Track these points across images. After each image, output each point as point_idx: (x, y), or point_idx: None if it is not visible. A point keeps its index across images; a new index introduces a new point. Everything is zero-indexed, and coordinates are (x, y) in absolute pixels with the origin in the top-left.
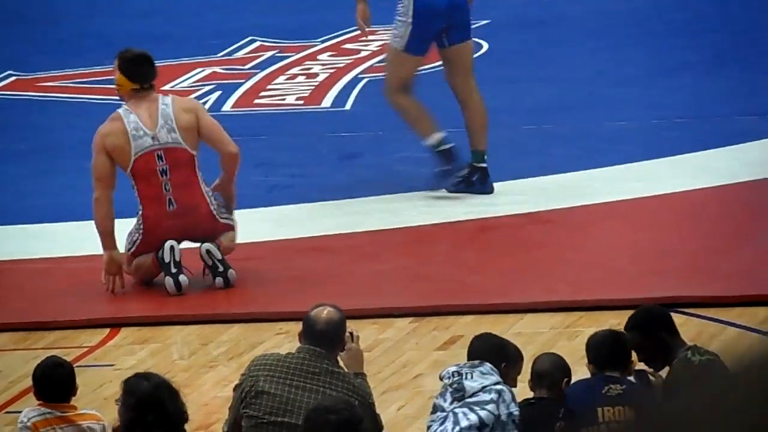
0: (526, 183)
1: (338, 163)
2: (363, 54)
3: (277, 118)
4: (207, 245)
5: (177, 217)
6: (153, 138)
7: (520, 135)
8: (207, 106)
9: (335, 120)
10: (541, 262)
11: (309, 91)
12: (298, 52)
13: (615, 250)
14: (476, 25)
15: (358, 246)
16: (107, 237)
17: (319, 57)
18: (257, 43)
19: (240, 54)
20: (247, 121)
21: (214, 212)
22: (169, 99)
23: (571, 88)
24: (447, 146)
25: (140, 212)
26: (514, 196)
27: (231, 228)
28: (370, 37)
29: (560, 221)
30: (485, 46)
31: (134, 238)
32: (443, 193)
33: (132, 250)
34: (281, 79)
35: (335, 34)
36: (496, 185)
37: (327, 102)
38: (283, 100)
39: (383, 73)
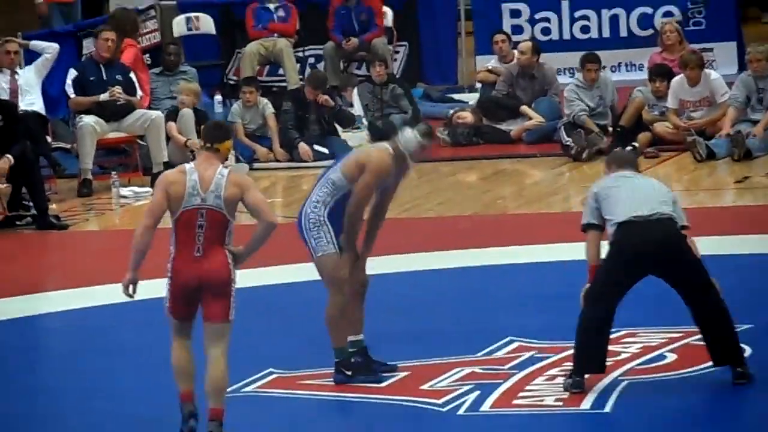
0: None
1: None
2: (623, 356)
3: (536, 419)
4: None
5: (199, 261)
6: (202, 199)
7: None
8: (465, 405)
9: (595, 422)
10: None
11: (568, 393)
12: (557, 353)
13: None
14: (739, 328)
15: None
16: (138, 256)
17: None
18: (516, 344)
19: (499, 354)
20: (506, 422)
21: (230, 264)
22: (226, 171)
23: None
24: None
25: (172, 256)
26: None
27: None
28: (629, 339)
29: None
30: (748, 350)
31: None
32: None
33: (167, 305)
34: (540, 379)
35: None
36: None
37: (586, 404)
38: (542, 401)
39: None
